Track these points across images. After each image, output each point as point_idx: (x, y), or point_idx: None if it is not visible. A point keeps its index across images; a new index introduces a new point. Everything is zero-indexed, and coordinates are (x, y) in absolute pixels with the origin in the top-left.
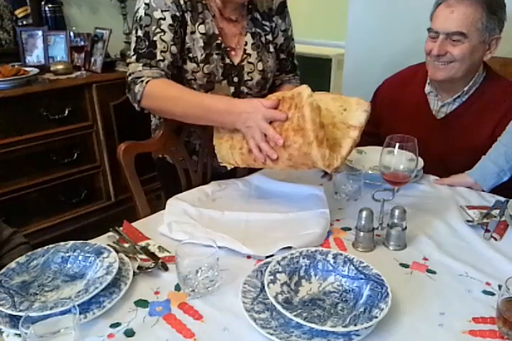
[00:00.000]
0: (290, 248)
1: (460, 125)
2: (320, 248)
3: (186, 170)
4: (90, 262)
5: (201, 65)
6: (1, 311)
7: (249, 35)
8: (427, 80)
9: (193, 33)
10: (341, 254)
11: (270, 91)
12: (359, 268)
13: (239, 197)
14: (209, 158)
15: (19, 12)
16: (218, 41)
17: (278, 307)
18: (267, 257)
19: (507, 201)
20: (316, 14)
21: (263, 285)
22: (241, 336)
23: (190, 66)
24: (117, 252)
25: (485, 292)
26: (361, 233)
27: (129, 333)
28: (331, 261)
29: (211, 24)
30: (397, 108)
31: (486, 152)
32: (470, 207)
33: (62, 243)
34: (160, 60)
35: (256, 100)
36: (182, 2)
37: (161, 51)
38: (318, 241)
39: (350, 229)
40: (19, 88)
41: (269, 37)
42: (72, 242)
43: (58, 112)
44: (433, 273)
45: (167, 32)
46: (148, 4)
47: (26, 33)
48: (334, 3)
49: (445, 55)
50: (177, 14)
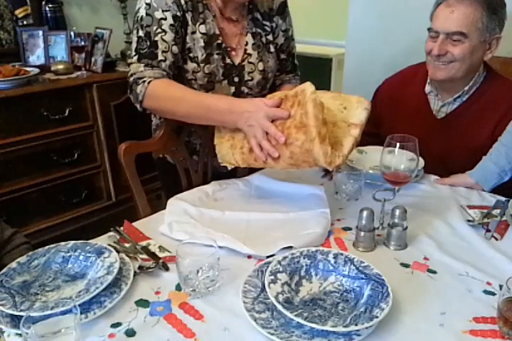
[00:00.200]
0: (291, 248)
1: (460, 125)
2: (321, 248)
3: (187, 170)
4: (91, 262)
5: (202, 65)
6: (2, 311)
7: (249, 35)
8: (427, 80)
9: (194, 33)
10: (342, 254)
11: (271, 91)
12: (360, 268)
13: (239, 197)
14: (209, 158)
15: (19, 12)
16: (219, 41)
17: (279, 307)
18: (268, 257)
19: (507, 201)
20: (317, 14)
21: (264, 285)
22: (242, 336)
23: (190, 66)
24: (118, 252)
25: (486, 292)
26: (362, 233)
27: (130, 333)
28: (332, 261)
29: (212, 24)
30: (397, 108)
31: (487, 152)
32: (471, 207)
33: (63, 243)
34: (161, 60)
35: (258, 99)
36: (183, 2)
37: (163, 51)
38: (318, 241)
39: (350, 229)
40: (20, 88)
41: (269, 37)
42: (72, 242)
43: (59, 112)
44: (434, 272)
45: (168, 32)
46: (149, 4)
47: (27, 33)
48: (334, 2)
49: (445, 55)
50: (178, 14)
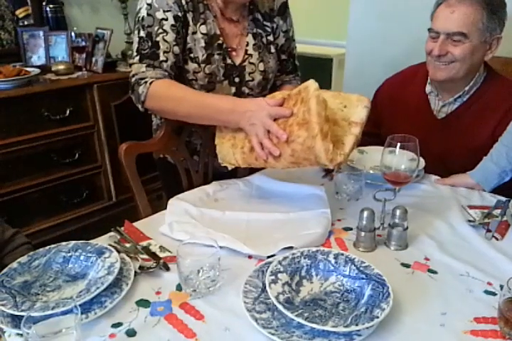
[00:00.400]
0: (291, 248)
1: (461, 125)
2: (321, 248)
3: (187, 170)
4: (92, 262)
5: (202, 66)
6: (3, 311)
7: (250, 35)
8: (428, 80)
9: (195, 34)
10: (342, 254)
11: (271, 91)
12: (360, 268)
13: (240, 197)
14: (210, 158)
15: (20, 12)
16: (220, 41)
17: (279, 307)
18: (268, 257)
19: (508, 201)
20: (317, 14)
21: (264, 285)
22: (242, 336)
23: (191, 66)
24: (119, 252)
25: (486, 292)
26: (362, 233)
27: (131, 333)
28: (332, 261)
29: (212, 24)
30: (397, 108)
31: (487, 152)
32: (471, 207)
33: (63, 243)
34: (163, 61)
35: (260, 99)
36: (184, 2)
37: (164, 52)
38: (319, 241)
39: (351, 229)
40: (20, 88)
41: (270, 37)
42: (73, 242)
43: (59, 112)
44: (434, 273)
45: (169, 32)
46: (150, 5)
47: (27, 34)
48: (335, 2)
49: (446, 55)
50: (179, 14)
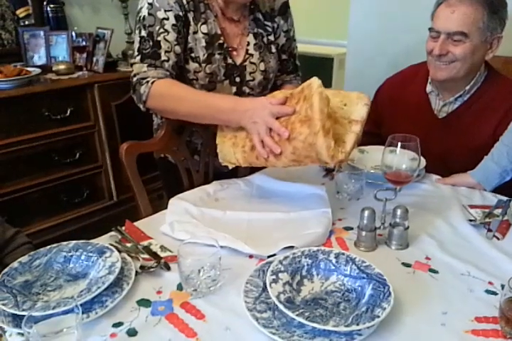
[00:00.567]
0: (292, 247)
1: (461, 124)
2: (322, 247)
3: (188, 170)
4: (93, 262)
5: (203, 65)
6: (4, 310)
7: (251, 35)
8: (428, 80)
9: (196, 33)
10: (343, 254)
11: (272, 91)
12: (361, 267)
13: (241, 197)
14: (211, 158)
15: (21, 12)
16: (220, 41)
17: (280, 306)
18: (269, 257)
19: (509, 200)
20: (318, 13)
21: (265, 284)
22: (243, 335)
23: (192, 66)
24: (120, 252)
25: (487, 291)
26: (363, 232)
27: (132, 332)
28: (333, 261)
29: (213, 24)
30: (398, 107)
31: (488, 151)
32: (472, 207)
33: (64, 242)
34: (164, 61)
35: (262, 98)
36: (185, 2)
37: (166, 51)
38: (320, 240)
39: (352, 229)
40: (21, 88)
41: (271, 37)
42: (74, 242)
43: (60, 112)
44: (435, 272)
45: (171, 32)
46: (151, 4)
47: (28, 33)
48: (336, 2)
49: (446, 55)
50: (180, 14)
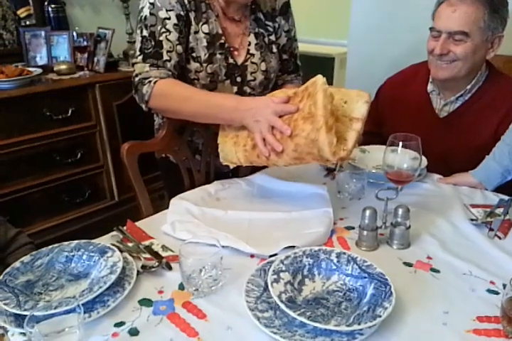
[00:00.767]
0: (293, 247)
1: (463, 124)
2: (323, 247)
3: (189, 170)
4: (94, 261)
5: (204, 65)
6: (6, 310)
7: (252, 35)
8: (429, 79)
9: (197, 33)
10: (345, 253)
11: (273, 91)
12: (363, 267)
13: (242, 197)
14: (212, 158)
15: (22, 12)
16: (222, 41)
17: (281, 306)
18: (271, 256)
19: (511, 199)
20: (319, 13)
21: (266, 284)
22: (245, 335)
23: (193, 66)
24: (121, 251)
25: (489, 291)
26: (365, 232)
27: (133, 332)
28: (335, 260)
29: (214, 24)
30: (399, 107)
31: (490, 151)
32: (474, 206)
33: (66, 242)
34: (167, 60)
35: (265, 97)
36: (186, 1)
37: (168, 51)
38: (321, 240)
39: (353, 228)
40: (23, 88)
41: (272, 37)
42: (76, 242)
43: (61, 112)
44: (437, 272)
45: (172, 32)
46: (153, 4)
47: (29, 34)
48: (337, 2)
49: (448, 54)
50: (181, 13)
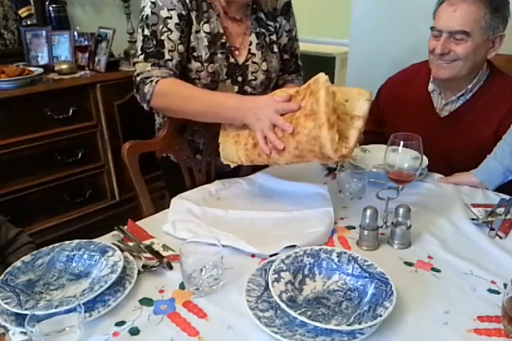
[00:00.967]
0: (294, 246)
1: (464, 123)
2: (324, 246)
3: (190, 169)
4: (95, 261)
5: (205, 64)
6: (7, 309)
7: (253, 35)
8: (430, 78)
9: (198, 32)
10: (345, 253)
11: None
12: (363, 266)
13: (243, 196)
14: (213, 157)
15: (23, 12)
16: (223, 40)
17: (282, 305)
18: (271, 256)
19: None
20: (320, 12)
21: (267, 283)
22: (245, 334)
23: (194, 65)
24: (122, 251)
25: (490, 290)
26: (365, 231)
27: (134, 331)
28: (335, 260)
29: (216, 23)
30: (400, 107)
31: (491, 150)
32: (475, 205)
33: (67, 242)
34: (168, 60)
35: (267, 96)
36: (187, 1)
37: (169, 50)
38: (322, 239)
39: (354, 228)
40: (24, 88)
41: (273, 37)
42: (77, 241)
43: (62, 112)
44: (438, 271)
45: (174, 31)
46: (154, 3)
47: (30, 33)
48: (338, 1)
49: (448, 54)
50: (183, 13)
